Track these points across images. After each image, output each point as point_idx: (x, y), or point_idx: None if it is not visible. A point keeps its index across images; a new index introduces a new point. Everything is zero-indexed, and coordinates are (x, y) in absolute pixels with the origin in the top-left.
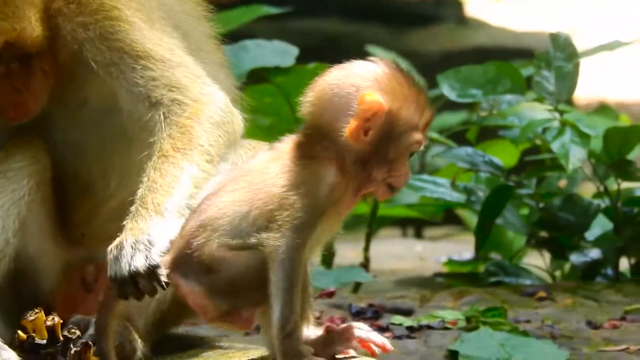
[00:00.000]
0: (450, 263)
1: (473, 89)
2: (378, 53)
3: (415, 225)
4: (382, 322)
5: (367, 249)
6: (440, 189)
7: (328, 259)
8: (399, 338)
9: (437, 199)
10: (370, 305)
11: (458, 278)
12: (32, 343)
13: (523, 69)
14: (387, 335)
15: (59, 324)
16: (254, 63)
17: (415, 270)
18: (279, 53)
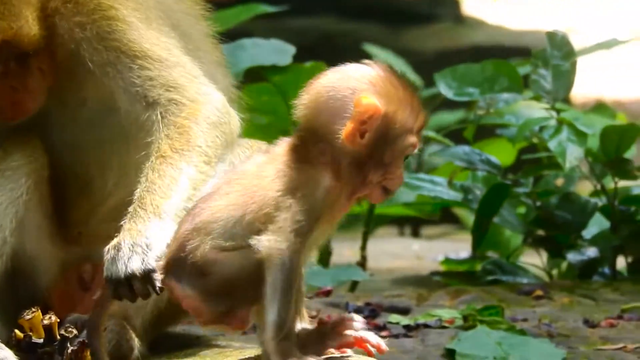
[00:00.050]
0: (448, 262)
1: (470, 88)
2: (375, 51)
3: (413, 224)
4: (379, 320)
5: (364, 248)
6: (438, 188)
7: (325, 258)
8: (396, 337)
9: (434, 198)
10: (367, 304)
11: (455, 277)
12: (29, 342)
13: (520, 68)
14: (384, 334)
15: (56, 323)
16: (251, 62)
17: (413, 269)
18: (276, 52)
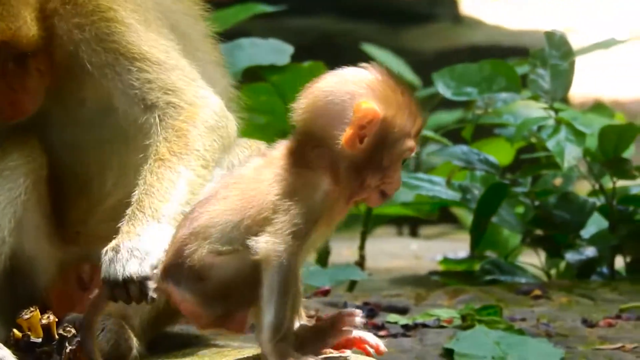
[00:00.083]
0: (446, 261)
1: (468, 87)
2: (373, 51)
3: (411, 224)
4: (377, 320)
5: (362, 248)
6: (436, 187)
7: (323, 258)
8: (395, 336)
9: (432, 198)
10: (366, 304)
11: (453, 276)
12: (27, 341)
13: (518, 67)
14: (382, 334)
15: (55, 323)
16: (249, 61)
17: (411, 269)
18: (274, 51)
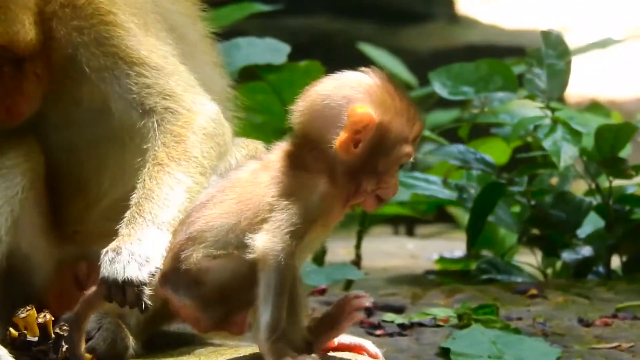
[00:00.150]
0: (442, 261)
1: (465, 87)
2: (370, 51)
3: (407, 223)
4: (373, 319)
5: (358, 247)
6: (432, 187)
7: (320, 257)
8: (391, 335)
9: (428, 197)
10: None
11: (450, 276)
12: (23, 340)
13: (515, 67)
14: (379, 333)
15: (51, 321)
16: (246, 60)
17: (407, 268)
18: (271, 50)
